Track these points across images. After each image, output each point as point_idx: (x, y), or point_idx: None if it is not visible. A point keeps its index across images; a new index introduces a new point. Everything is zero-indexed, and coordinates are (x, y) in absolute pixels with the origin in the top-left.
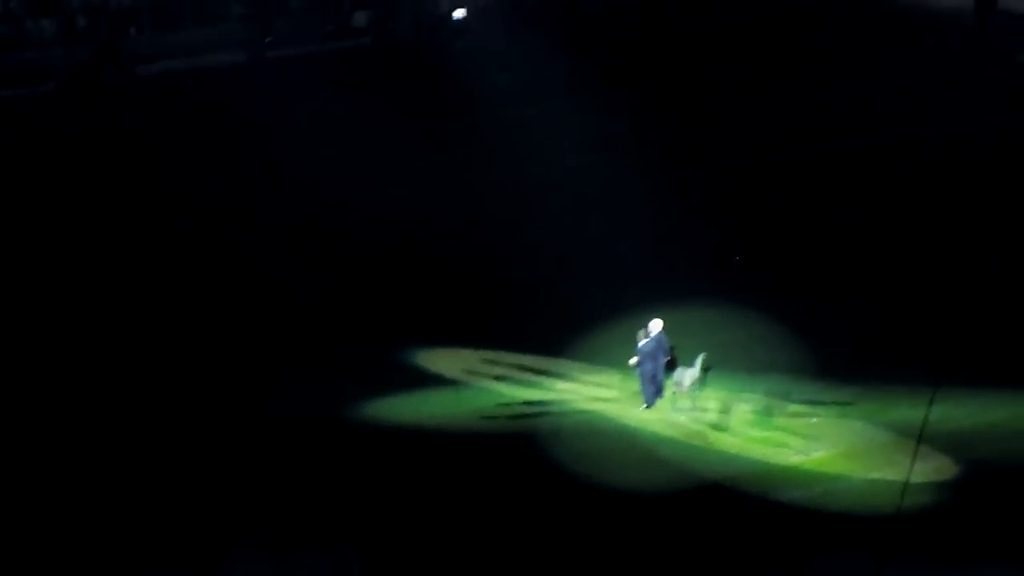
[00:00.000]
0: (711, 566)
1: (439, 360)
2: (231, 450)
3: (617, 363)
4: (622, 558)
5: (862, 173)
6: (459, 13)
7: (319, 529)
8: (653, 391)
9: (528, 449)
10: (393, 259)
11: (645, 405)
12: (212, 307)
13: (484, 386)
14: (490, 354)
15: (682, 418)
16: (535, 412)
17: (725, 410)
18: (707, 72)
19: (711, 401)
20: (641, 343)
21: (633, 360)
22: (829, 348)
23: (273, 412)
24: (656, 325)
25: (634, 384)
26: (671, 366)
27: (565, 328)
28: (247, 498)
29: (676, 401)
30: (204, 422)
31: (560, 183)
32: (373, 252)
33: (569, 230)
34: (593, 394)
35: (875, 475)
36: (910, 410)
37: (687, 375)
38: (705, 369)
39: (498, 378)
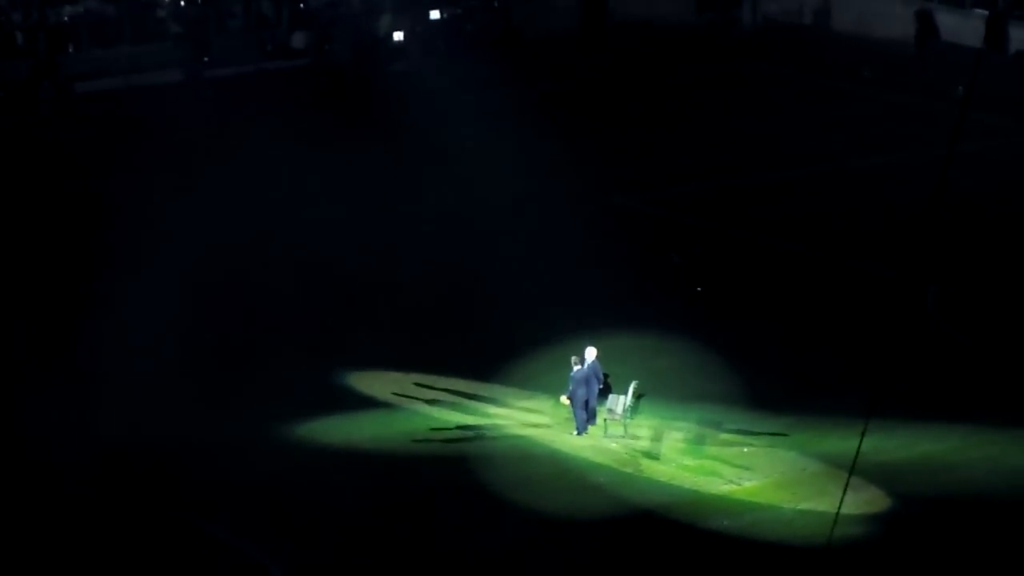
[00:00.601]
0: None
1: (370, 382)
2: (156, 469)
3: (550, 389)
4: None
5: (797, 204)
6: (397, 36)
7: (245, 550)
8: (585, 418)
9: (460, 473)
10: (323, 281)
11: (577, 431)
12: (140, 324)
13: (415, 409)
14: (422, 378)
15: (614, 445)
16: (467, 436)
17: (657, 438)
18: (644, 100)
19: (643, 429)
20: (575, 370)
21: (563, 398)
22: (762, 378)
23: (202, 431)
24: (590, 353)
25: (566, 411)
26: (604, 393)
27: (498, 353)
28: (173, 518)
29: (608, 428)
30: (132, 438)
31: (495, 208)
32: (304, 273)
33: (503, 255)
34: (525, 419)
35: (806, 505)
36: (842, 441)
37: (619, 402)
38: (637, 397)
39: (430, 402)
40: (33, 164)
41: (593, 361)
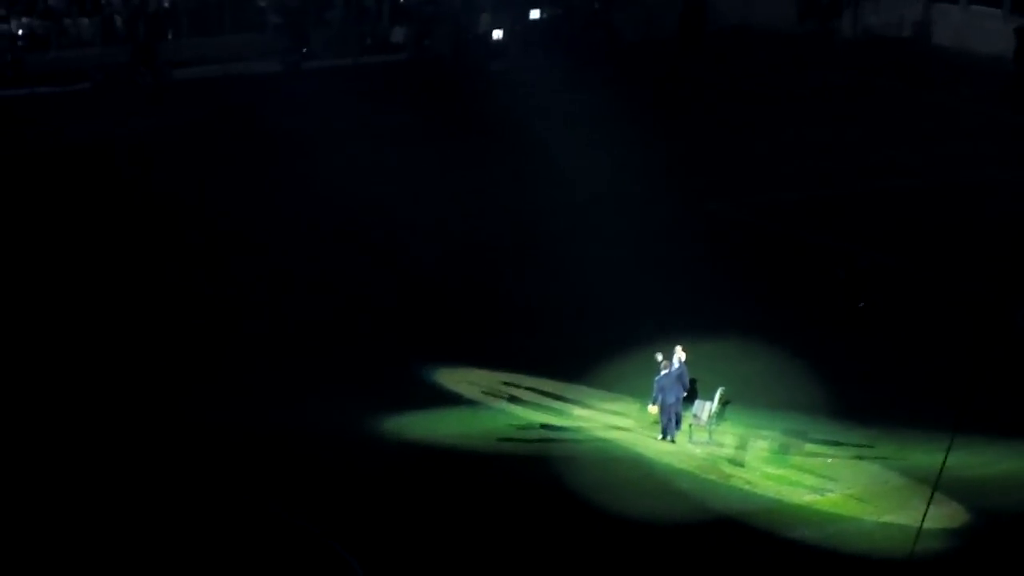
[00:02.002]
0: None
1: (457, 380)
2: (244, 460)
3: (635, 392)
4: None
5: (892, 216)
6: (497, 34)
7: (324, 540)
8: (671, 423)
9: (542, 474)
10: (417, 276)
11: (662, 436)
12: (231, 316)
13: (500, 408)
14: (507, 376)
15: (698, 451)
16: (551, 437)
17: (742, 445)
18: (741, 107)
19: (728, 436)
20: (661, 374)
21: (651, 407)
22: (849, 389)
23: (287, 424)
24: (678, 354)
25: (651, 416)
26: (690, 398)
27: (584, 355)
28: (259, 510)
29: (693, 434)
30: (219, 432)
31: (588, 209)
32: (397, 268)
33: (594, 256)
34: (609, 422)
35: (888, 518)
36: (926, 455)
37: (705, 408)
38: (724, 403)
39: (515, 401)
40: (127, 150)
41: (680, 364)
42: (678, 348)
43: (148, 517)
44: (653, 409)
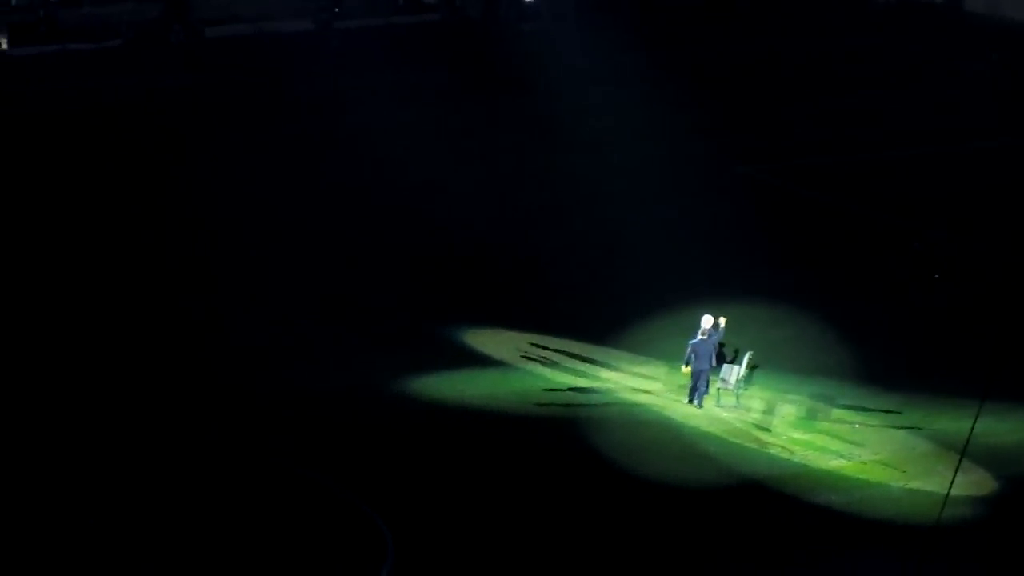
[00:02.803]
0: (745, 563)
1: (487, 341)
2: (274, 421)
3: (664, 355)
4: (657, 550)
5: (920, 182)
6: None
7: (353, 500)
8: (700, 387)
9: (571, 435)
10: (444, 239)
11: (688, 400)
12: (262, 279)
13: (530, 370)
14: (537, 338)
15: (726, 415)
16: (580, 399)
17: (769, 410)
18: (772, 71)
19: (756, 400)
20: (699, 338)
21: (685, 368)
22: (877, 355)
23: (318, 384)
24: (708, 321)
25: (680, 378)
26: (718, 362)
27: (613, 317)
28: (287, 470)
29: (721, 398)
30: (250, 393)
31: (619, 172)
32: (424, 230)
33: (624, 219)
34: (638, 385)
35: (915, 485)
36: (953, 422)
37: (733, 373)
38: (751, 368)
39: (544, 363)
40: (158, 107)
41: (712, 329)
42: (709, 316)
43: (178, 481)
44: (686, 370)
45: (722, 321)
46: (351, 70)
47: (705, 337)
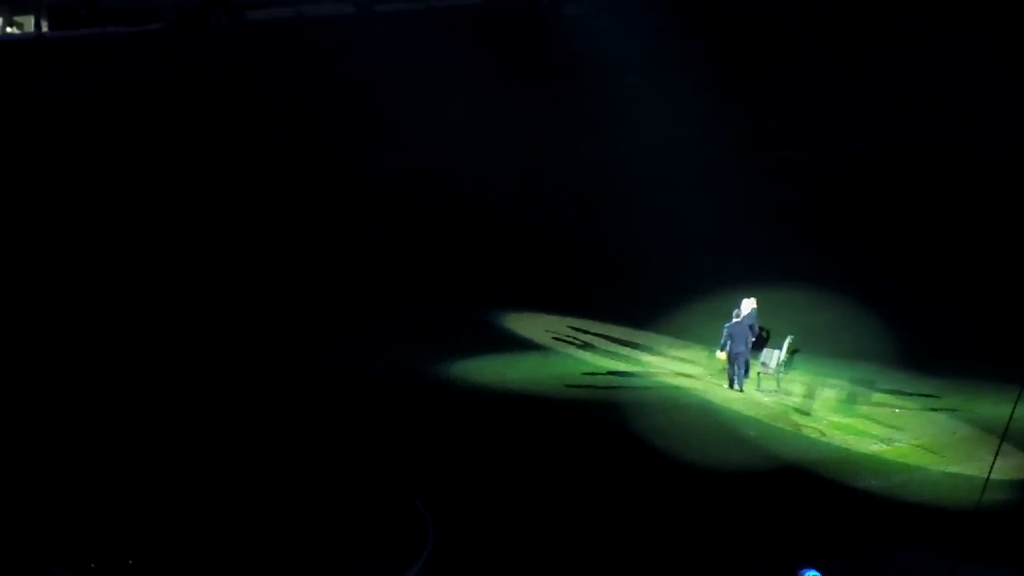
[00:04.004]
0: (784, 547)
1: (526, 324)
2: (313, 404)
3: (704, 339)
4: (698, 534)
5: (962, 167)
6: None
7: (394, 486)
8: (739, 371)
9: (610, 419)
10: (488, 219)
11: (729, 384)
12: (304, 261)
13: (570, 354)
14: (577, 322)
15: (766, 399)
16: (619, 383)
17: (809, 394)
18: (812, 55)
19: (796, 384)
20: (732, 321)
21: (720, 353)
22: (918, 339)
23: (357, 367)
24: (747, 305)
25: (719, 362)
26: (758, 347)
27: (653, 301)
28: (326, 453)
29: (761, 382)
30: (289, 376)
31: (658, 155)
32: (469, 212)
33: (662, 203)
34: (678, 369)
35: (955, 469)
36: (994, 406)
37: (773, 357)
38: (792, 352)
39: (584, 346)
40: (198, 90)
41: (750, 313)
42: (747, 300)
43: (225, 461)
44: (721, 356)
45: (752, 302)
46: (391, 53)
47: (738, 319)
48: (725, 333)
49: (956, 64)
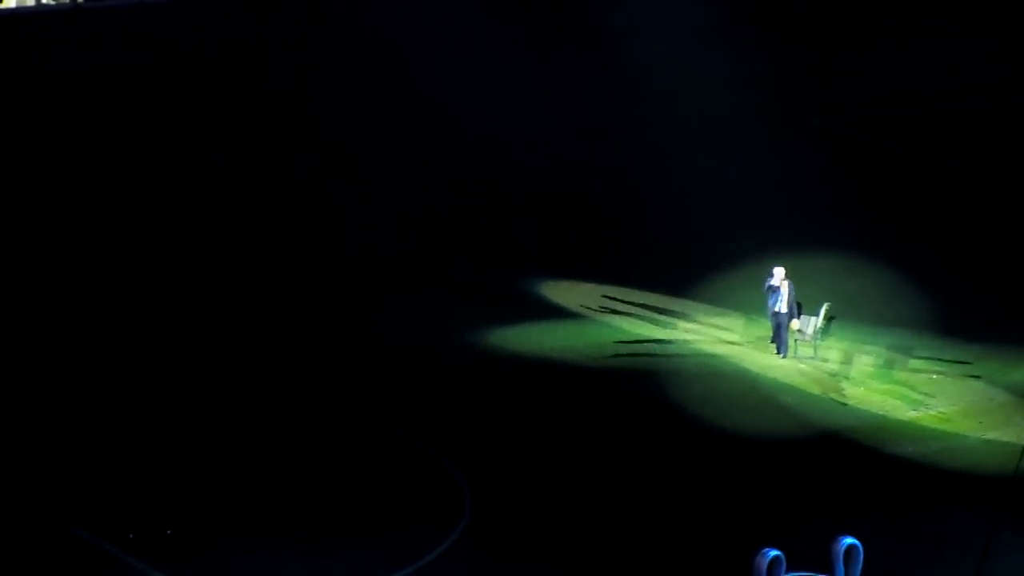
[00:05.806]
0: (822, 515)
1: (563, 293)
2: (351, 375)
3: (742, 306)
4: (737, 501)
5: (997, 133)
6: None
7: (432, 456)
8: (786, 336)
9: (647, 387)
10: (519, 191)
11: (777, 351)
12: (340, 230)
13: (607, 321)
14: (614, 290)
15: (803, 366)
16: (657, 351)
17: (847, 361)
18: (848, 20)
19: (833, 351)
20: (773, 287)
21: (794, 323)
22: (955, 305)
23: (394, 335)
24: (778, 273)
25: (757, 329)
26: (794, 312)
27: (690, 269)
28: (362, 421)
29: (798, 349)
30: (327, 346)
31: (697, 123)
32: (499, 183)
33: (700, 170)
34: (716, 336)
35: (992, 435)
36: None
37: (810, 324)
38: (829, 319)
39: (621, 314)
40: (229, 58)
41: (785, 280)
42: (779, 268)
43: (264, 432)
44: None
45: (782, 271)
46: (422, 22)
47: (777, 286)
48: (769, 299)
49: (997, 29)
